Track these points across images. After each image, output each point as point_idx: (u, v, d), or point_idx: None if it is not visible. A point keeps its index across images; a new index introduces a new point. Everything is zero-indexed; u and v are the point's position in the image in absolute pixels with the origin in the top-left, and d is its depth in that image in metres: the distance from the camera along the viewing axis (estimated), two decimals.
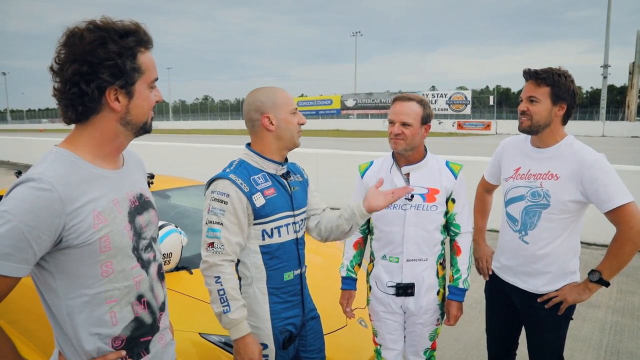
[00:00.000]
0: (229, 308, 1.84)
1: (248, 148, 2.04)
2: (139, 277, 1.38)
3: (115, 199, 1.33)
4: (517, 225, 2.31)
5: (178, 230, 2.80)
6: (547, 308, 2.25)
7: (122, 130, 1.33)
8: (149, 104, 1.35)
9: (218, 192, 1.88)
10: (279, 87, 2.03)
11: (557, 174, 2.18)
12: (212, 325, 2.38)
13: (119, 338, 1.35)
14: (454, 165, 2.35)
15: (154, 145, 13.81)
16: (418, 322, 2.35)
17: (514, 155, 2.39)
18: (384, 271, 2.35)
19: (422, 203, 2.26)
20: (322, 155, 9.42)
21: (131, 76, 1.28)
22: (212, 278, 1.85)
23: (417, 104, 2.23)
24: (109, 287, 1.31)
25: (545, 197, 2.20)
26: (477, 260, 2.63)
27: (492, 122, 44.67)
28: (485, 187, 2.72)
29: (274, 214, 1.96)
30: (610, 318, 4.30)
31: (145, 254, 1.41)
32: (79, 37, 1.22)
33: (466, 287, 2.32)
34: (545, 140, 2.25)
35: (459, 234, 2.35)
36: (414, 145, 2.25)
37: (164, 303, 1.52)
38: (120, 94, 1.28)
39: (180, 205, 4.06)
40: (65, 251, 1.23)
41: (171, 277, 2.74)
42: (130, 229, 1.35)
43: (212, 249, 1.86)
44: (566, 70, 2.20)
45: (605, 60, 43.51)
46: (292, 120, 1.98)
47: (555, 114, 2.19)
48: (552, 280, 2.26)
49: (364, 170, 2.47)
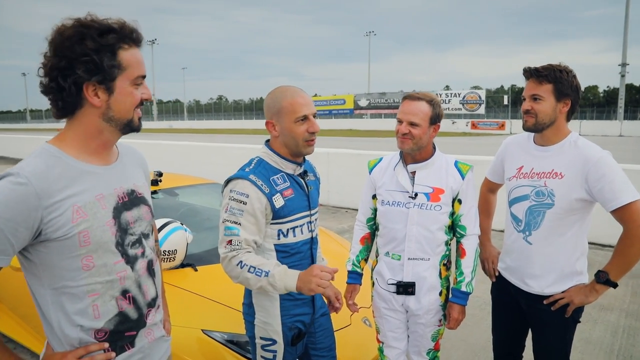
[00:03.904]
0: (267, 272, 1.78)
1: (267, 147, 2.01)
2: (122, 272, 1.39)
3: (100, 195, 1.34)
4: (521, 226, 2.27)
5: (183, 227, 2.82)
6: (553, 310, 2.21)
7: (105, 126, 1.34)
8: (132, 101, 1.35)
9: (237, 192, 1.86)
10: (298, 88, 1.96)
11: (562, 172, 2.13)
12: (215, 322, 2.40)
13: (101, 330, 1.36)
14: (463, 165, 2.31)
15: (168, 144, 13.93)
16: (420, 322, 2.33)
17: (517, 154, 2.35)
18: (386, 268, 2.34)
19: (426, 202, 2.23)
20: (333, 155, 9.40)
21: (110, 72, 1.28)
22: (235, 267, 1.81)
23: (426, 104, 2.20)
24: (90, 281, 1.32)
25: (549, 197, 2.15)
26: (483, 261, 2.59)
27: (507, 122, 44.18)
28: (489, 187, 2.67)
29: (292, 215, 1.95)
30: (623, 321, 4.22)
31: (131, 249, 1.42)
32: (60, 33, 1.25)
33: (469, 290, 2.28)
34: (549, 138, 2.20)
35: (464, 236, 2.31)
36: (421, 145, 2.22)
37: (154, 299, 1.52)
38: (99, 89, 1.29)
39: (189, 203, 4.09)
40: (46, 244, 1.26)
41: (176, 273, 2.76)
42: (113, 224, 1.36)
43: (230, 246, 1.84)
44: (567, 66, 2.16)
45: (624, 58, 42.89)
46: (296, 129, 1.91)
47: (560, 111, 2.15)
48: (557, 281, 2.21)
49: (372, 166, 2.46)
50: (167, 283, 2.63)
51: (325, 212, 8.76)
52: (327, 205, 9.27)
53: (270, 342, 1.97)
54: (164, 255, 2.66)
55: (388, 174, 2.35)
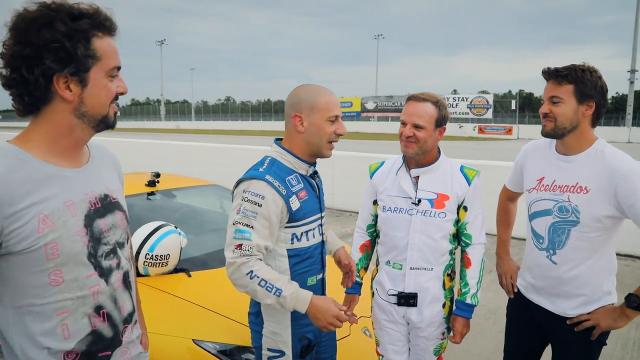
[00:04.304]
0: (279, 290, 1.67)
1: (280, 145, 1.89)
2: (96, 286, 1.25)
3: (70, 201, 1.20)
4: (543, 243, 2.06)
5: (177, 230, 2.72)
6: (577, 331, 2.03)
7: (77, 123, 1.21)
8: (108, 94, 1.23)
9: (252, 193, 1.72)
10: (328, 89, 1.87)
11: (587, 186, 1.91)
12: (207, 331, 2.30)
13: (72, 352, 1.23)
14: (469, 170, 2.19)
15: (172, 144, 13.89)
16: (421, 335, 2.21)
17: (537, 163, 2.13)
18: (387, 277, 2.23)
19: (430, 209, 2.12)
20: (338, 157, 9.28)
21: (84, 62, 1.15)
22: (245, 276, 1.67)
23: (431, 105, 2.08)
24: (59, 298, 1.18)
25: (574, 213, 1.93)
26: (500, 276, 2.42)
27: (514, 127, 44.02)
28: (508, 195, 2.45)
29: (307, 218, 1.85)
30: (633, 333, 4.08)
31: (105, 261, 1.28)
32: (23, 17, 1.11)
33: (474, 303, 2.16)
34: (571, 145, 1.98)
35: (470, 245, 2.19)
36: (426, 149, 2.11)
37: (131, 314, 1.39)
38: (71, 81, 1.15)
39: (187, 204, 3.99)
40: (8, 258, 1.12)
41: (168, 279, 2.66)
42: (85, 233, 1.22)
43: (240, 250, 1.69)
44: (592, 66, 1.93)
45: (633, 65, 42.56)
46: (326, 128, 1.83)
47: (582, 114, 1.92)
48: (584, 304, 2.01)
49: (373, 171, 2.35)
50: (158, 289, 2.54)
51: (329, 216, 8.66)
52: (331, 209, 9.17)
53: (278, 354, 1.87)
54: (156, 260, 2.56)
55: (390, 178, 2.24)
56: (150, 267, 2.58)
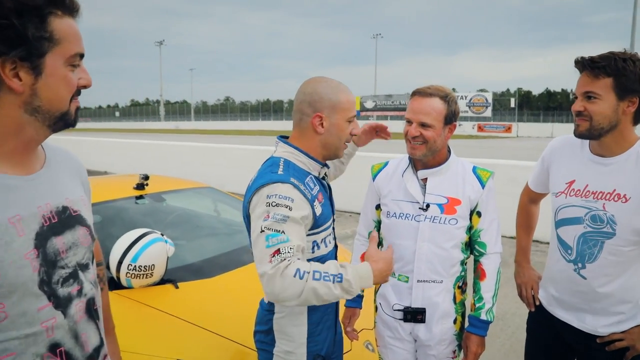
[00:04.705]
0: (339, 276, 1.46)
1: (291, 145, 1.70)
2: (50, 320, 1.03)
3: (16, 216, 0.98)
4: (572, 255, 1.83)
5: (164, 238, 2.51)
6: (609, 350, 1.81)
7: (29, 120, 1.00)
8: (68, 87, 1.03)
9: (279, 196, 1.51)
10: (344, 84, 1.71)
11: (626, 194, 1.68)
12: (194, 350, 2.09)
13: None
14: (482, 172, 1.98)
15: (170, 145, 13.72)
16: (430, 353, 2.00)
17: (567, 163, 1.88)
18: (392, 291, 2.02)
19: (440, 215, 1.91)
20: None
21: (37, 45, 0.95)
22: (294, 279, 1.42)
23: (439, 100, 1.86)
24: (2, 338, 0.96)
25: (609, 224, 1.71)
26: (519, 286, 2.19)
27: (513, 125, 44.08)
28: (530, 197, 2.20)
29: (326, 222, 1.70)
30: None
31: (63, 288, 1.06)
32: None
33: (490, 319, 1.95)
34: (609, 146, 1.73)
35: (484, 255, 1.98)
36: (435, 150, 1.89)
37: (98, 349, 1.16)
38: (21, 68, 0.95)
39: (178, 208, 3.78)
40: None
41: (153, 291, 2.45)
42: (36, 256, 1.00)
43: (279, 255, 1.44)
44: (635, 54, 1.65)
45: None
46: (345, 129, 1.70)
47: (623, 112, 1.65)
48: (619, 322, 1.80)
49: (376, 172, 2.13)
50: (141, 303, 2.33)
51: None
52: None
53: None
54: (140, 271, 2.35)
55: (395, 181, 2.03)
56: (133, 278, 2.37)
